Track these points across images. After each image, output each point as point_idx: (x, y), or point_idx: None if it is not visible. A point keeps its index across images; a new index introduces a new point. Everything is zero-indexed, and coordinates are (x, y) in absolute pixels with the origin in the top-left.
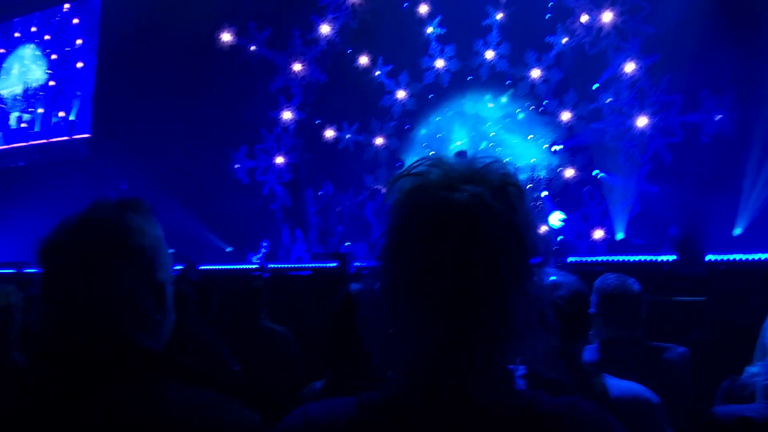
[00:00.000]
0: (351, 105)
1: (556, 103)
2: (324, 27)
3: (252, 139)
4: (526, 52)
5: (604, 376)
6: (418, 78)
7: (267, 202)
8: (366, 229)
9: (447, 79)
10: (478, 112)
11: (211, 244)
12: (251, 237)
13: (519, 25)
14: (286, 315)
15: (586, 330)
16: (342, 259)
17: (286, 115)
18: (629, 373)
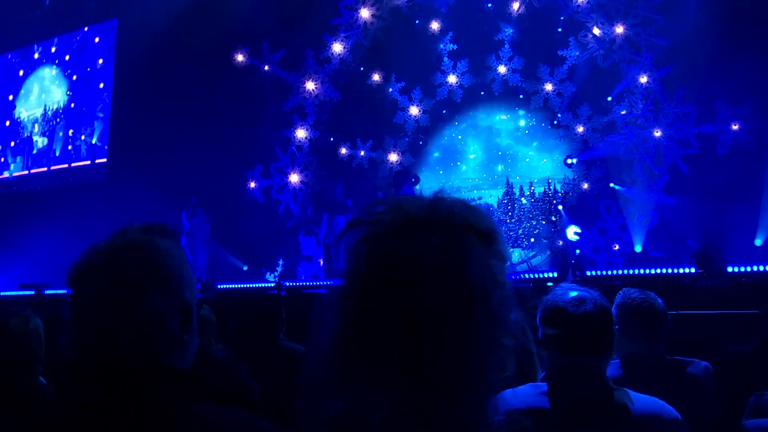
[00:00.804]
0: (364, 122)
1: (570, 117)
2: (336, 45)
3: (267, 158)
4: (539, 66)
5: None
6: (431, 94)
7: (283, 220)
8: None
9: (460, 94)
10: (492, 125)
11: (227, 263)
12: (268, 255)
13: (531, 39)
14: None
15: (611, 346)
16: None
17: (300, 133)
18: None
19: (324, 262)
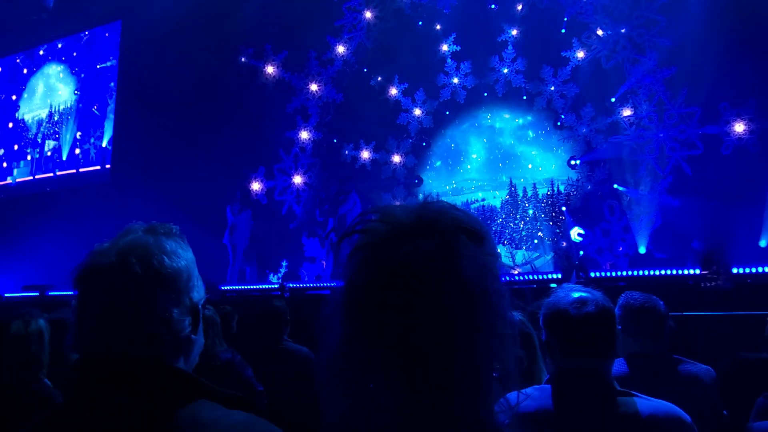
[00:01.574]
0: (368, 124)
1: (574, 118)
2: (340, 47)
3: (270, 160)
4: (542, 67)
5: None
6: (435, 95)
7: (286, 222)
8: None
9: (463, 95)
10: (495, 127)
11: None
12: (271, 257)
13: (534, 40)
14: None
15: (614, 347)
16: None
17: (304, 134)
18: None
19: (327, 264)
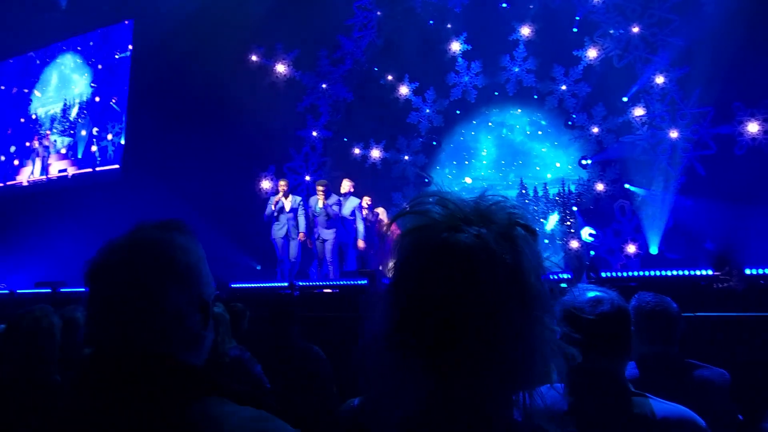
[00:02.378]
0: (378, 122)
1: (585, 117)
2: (350, 46)
3: (280, 158)
4: (554, 67)
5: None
6: (445, 94)
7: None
8: None
9: (474, 95)
10: (506, 126)
11: (241, 263)
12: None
13: (545, 39)
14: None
15: (629, 347)
16: (371, 276)
17: (314, 133)
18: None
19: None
